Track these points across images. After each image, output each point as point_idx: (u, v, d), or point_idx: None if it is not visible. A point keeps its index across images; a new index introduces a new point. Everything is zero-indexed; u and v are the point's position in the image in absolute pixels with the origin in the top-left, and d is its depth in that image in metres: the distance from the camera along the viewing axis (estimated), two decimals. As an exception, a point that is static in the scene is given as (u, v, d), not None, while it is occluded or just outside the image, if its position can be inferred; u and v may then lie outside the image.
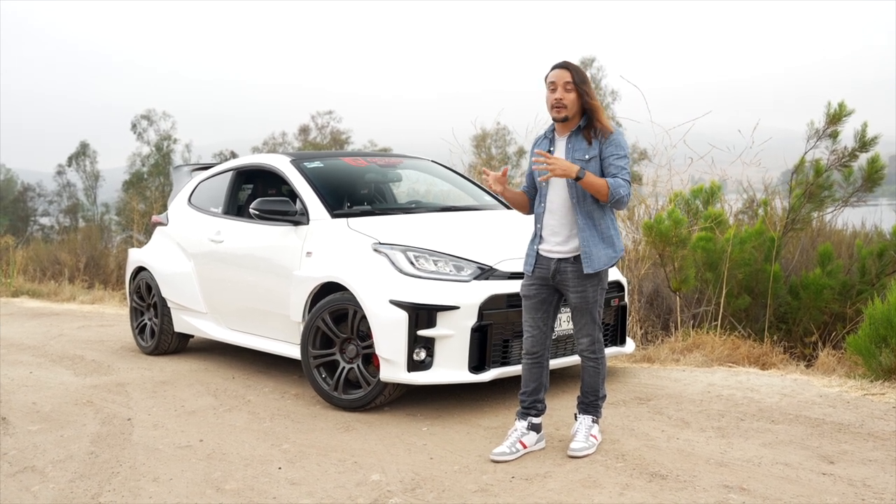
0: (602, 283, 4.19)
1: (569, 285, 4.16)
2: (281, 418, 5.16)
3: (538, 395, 4.33)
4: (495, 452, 4.20)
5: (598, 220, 4.10)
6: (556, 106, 4.07)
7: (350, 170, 6.68)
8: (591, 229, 4.09)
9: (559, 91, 4.05)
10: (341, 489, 3.93)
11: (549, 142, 4.22)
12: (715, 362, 6.23)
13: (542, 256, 4.22)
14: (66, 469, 4.35)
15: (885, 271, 7.13)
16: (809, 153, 7.58)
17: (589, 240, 4.08)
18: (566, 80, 4.04)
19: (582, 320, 4.20)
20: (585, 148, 4.08)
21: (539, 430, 4.33)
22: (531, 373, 4.32)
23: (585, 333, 4.21)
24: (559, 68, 4.08)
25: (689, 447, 4.27)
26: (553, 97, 4.07)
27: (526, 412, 4.32)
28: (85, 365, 7.02)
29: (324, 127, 51.57)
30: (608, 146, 4.06)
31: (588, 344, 4.22)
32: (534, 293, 4.26)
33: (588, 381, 4.28)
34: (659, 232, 7.05)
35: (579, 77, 4.05)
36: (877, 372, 5.49)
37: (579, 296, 4.14)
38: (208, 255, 6.75)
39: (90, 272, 15.20)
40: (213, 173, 7.32)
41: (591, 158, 4.06)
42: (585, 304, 4.15)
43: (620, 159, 4.04)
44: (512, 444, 4.23)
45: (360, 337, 5.20)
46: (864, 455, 4.07)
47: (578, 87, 4.04)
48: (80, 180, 56.56)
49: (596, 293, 4.16)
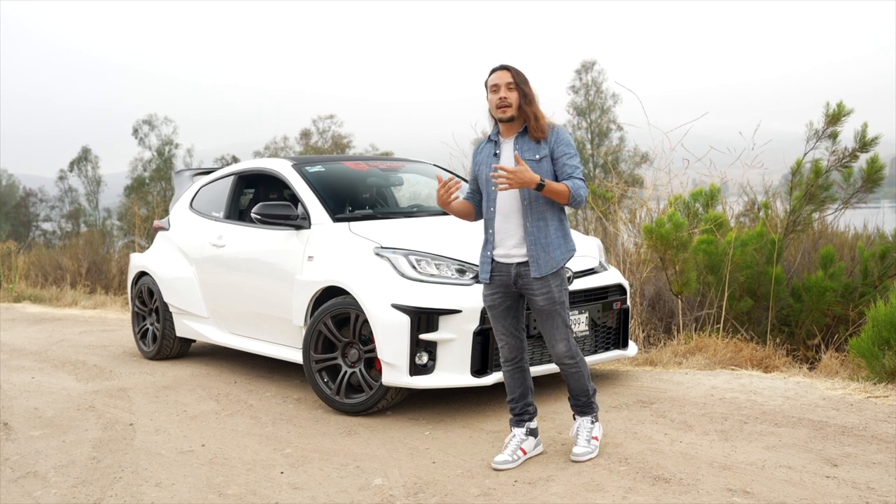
0: (564, 282, 4.09)
1: (533, 288, 4.04)
2: (283, 423, 5.16)
3: (526, 399, 4.28)
4: (497, 461, 4.16)
5: (549, 221, 4.04)
6: (501, 106, 4.03)
7: (352, 174, 6.68)
8: (539, 231, 4.02)
9: (502, 90, 4.03)
10: (344, 493, 3.93)
11: (495, 144, 4.16)
12: (718, 365, 6.22)
13: (499, 262, 4.11)
14: (68, 474, 4.34)
15: (888, 273, 7.12)
16: (809, 154, 7.57)
17: (536, 244, 4.01)
18: (508, 80, 4.03)
19: (551, 324, 4.08)
20: (535, 147, 4.04)
21: (536, 435, 4.31)
22: (514, 379, 4.27)
23: (559, 339, 4.09)
24: (499, 70, 4.07)
25: (693, 450, 4.26)
26: (497, 97, 4.03)
27: (519, 418, 4.28)
28: (87, 370, 7.03)
29: (325, 131, 51.66)
30: (559, 145, 4.03)
31: (565, 350, 4.11)
32: (498, 302, 4.16)
33: (574, 385, 4.22)
34: (660, 235, 7.04)
35: (520, 77, 4.05)
36: (880, 374, 5.48)
37: (544, 297, 4.03)
38: (210, 260, 6.76)
39: (92, 277, 15.21)
40: (214, 178, 7.32)
41: (543, 158, 4.02)
42: (552, 304, 4.04)
43: (572, 158, 4.02)
44: (513, 452, 4.19)
45: (362, 341, 5.20)
46: (868, 458, 4.06)
47: (519, 88, 4.03)
48: (82, 185, 56.67)
49: (561, 292, 4.06)
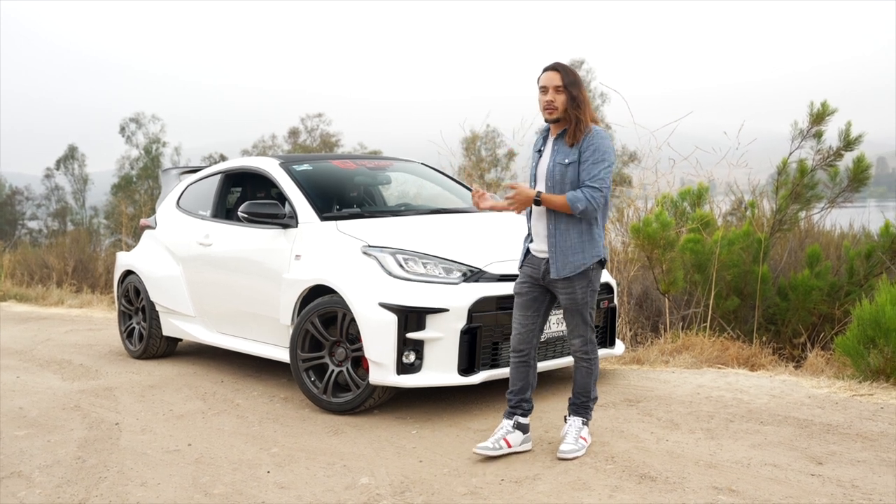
0: (592, 284, 4.21)
1: (557, 286, 4.21)
2: (270, 422, 5.15)
3: (525, 394, 4.34)
4: (479, 446, 4.26)
5: (568, 227, 4.14)
6: (548, 108, 4.14)
7: (339, 172, 6.67)
8: (560, 235, 4.15)
9: (550, 93, 4.12)
10: (330, 493, 3.92)
11: (543, 140, 4.31)
12: (704, 364, 6.24)
13: (533, 255, 4.30)
14: (53, 474, 4.32)
15: (873, 272, 7.15)
16: (795, 153, 7.60)
17: (555, 247, 4.16)
18: (557, 83, 4.10)
19: (573, 321, 4.25)
20: (566, 152, 4.15)
21: (526, 431, 4.35)
22: (518, 371, 4.35)
23: (577, 334, 4.27)
24: (550, 70, 4.15)
25: (679, 449, 4.27)
26: (544, 99, 4.14)
27: (512, 411, 4.35)
28: (72, 369, 6.99)
29: (313, 130, 51.51)
30: (587, 150, 4.10)
31: (580, 345, 4.27)
32: (525, 291, 4.32)
33: (580, 381, 4.32)
34: (647, 234, 7.06)
35: (569, 79, 4.11)
36: (865, 373, 5.51)
37: (567, 297, 4.19)
38: (197, 259, 6.73)
39: (78, 276, 15.12)
40: (201, 176, 7.29)
41: (571, 163, 4.12)
42: (574, 304, 4.20)
43: (595, 164, 4.07)
44: (496, 441, 4.27)
45: (349, 340, 5.19)
46: (853, 456, 4.08)
47: (568, 90, 4.10)
48: (69, 184, 56.31)
49: (585, 294, 4.19)
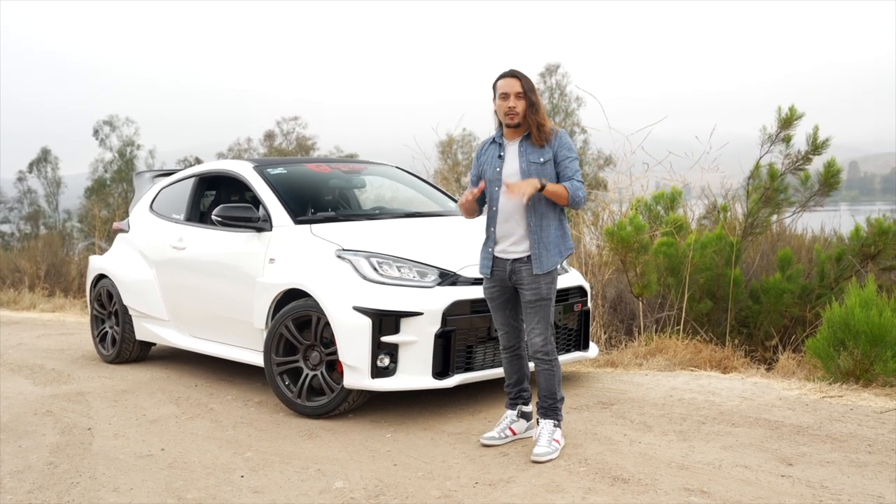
0: (554, 280, 4.33)
1: (524, 283, 4.29)
2: (244, 426, 5.13)
3: (521, 384, 4.55)
4: (485, 437, 4.47)
5: (550, 221, 4.28)
6: (509, 114, 4.24)
7: (314, 176, 6.66)
8: (542, 231, 4.26)
9: (511, 99, 4.23)
10: (304, 497, 3.91)
11: (499, 146, 4.37)
12: (677, 366, 6.29)
13: (498, 258, 4.35)
14: (24, 480, 4.28)
15: (844, 275, 7.24)
16: (765, 158, 7.69)
17: (539, 242, 4.26)
18: (517, 90, 4.22)
19: (535, 317, 4.29)
20: (539, 151, 4.26)
21: (529, 419, 4.57)
22: (511, 365, 4.53)
23: (538, 332, 4.29)
24: (509, 77, 4.26)
25: (651, 451, 4.30)
26: (506, 105, 4.23)
27: (514, 402, 4.56)
28: (44, 374, 6.93)
29: (289, 133, 51.32)
30: (561, 149, 4.27)
31: (542, 344, 4.29)
32: (497, 295, 4.42)
33: (544, 384, 4.37)
34: (621, 238, 7.10)
35: (529, 86, 4.24)
36: (835, 375, 5.58)
37: (534, 292, 4.26)
38: (170, 263, 6.69)
39: (51, 280, 14.98)
40: (175, 179, 7.25)
41: (547, 161, 4.25)
42: (539, 298, 4.27)
43: (573, 161, 4.26)
44: (502, 430, 4.49)
45: (323, 344, 5.18)
46: (822, 457, 4.13)
47: (527, 96, 4.23)
48: (42, 187, 55.67)
49: (550, 289, 4.30)
